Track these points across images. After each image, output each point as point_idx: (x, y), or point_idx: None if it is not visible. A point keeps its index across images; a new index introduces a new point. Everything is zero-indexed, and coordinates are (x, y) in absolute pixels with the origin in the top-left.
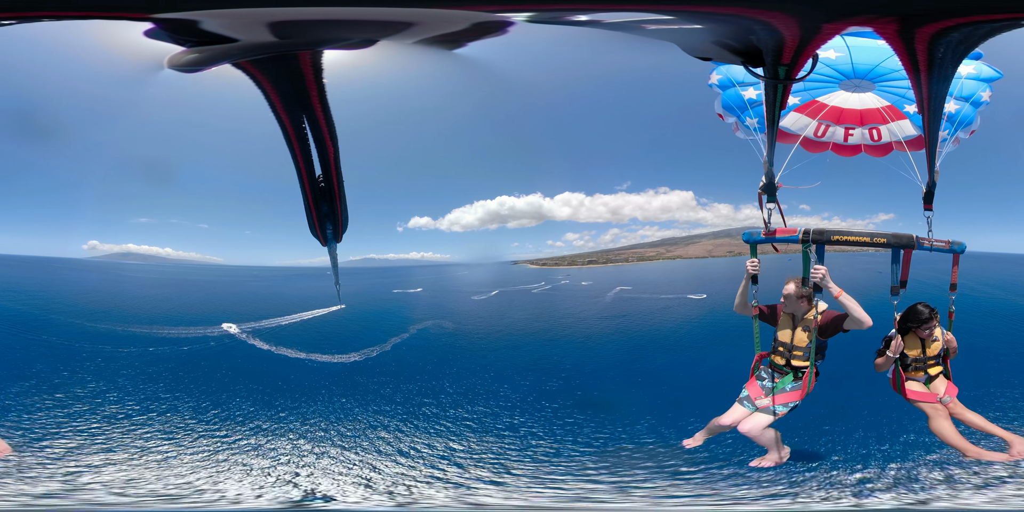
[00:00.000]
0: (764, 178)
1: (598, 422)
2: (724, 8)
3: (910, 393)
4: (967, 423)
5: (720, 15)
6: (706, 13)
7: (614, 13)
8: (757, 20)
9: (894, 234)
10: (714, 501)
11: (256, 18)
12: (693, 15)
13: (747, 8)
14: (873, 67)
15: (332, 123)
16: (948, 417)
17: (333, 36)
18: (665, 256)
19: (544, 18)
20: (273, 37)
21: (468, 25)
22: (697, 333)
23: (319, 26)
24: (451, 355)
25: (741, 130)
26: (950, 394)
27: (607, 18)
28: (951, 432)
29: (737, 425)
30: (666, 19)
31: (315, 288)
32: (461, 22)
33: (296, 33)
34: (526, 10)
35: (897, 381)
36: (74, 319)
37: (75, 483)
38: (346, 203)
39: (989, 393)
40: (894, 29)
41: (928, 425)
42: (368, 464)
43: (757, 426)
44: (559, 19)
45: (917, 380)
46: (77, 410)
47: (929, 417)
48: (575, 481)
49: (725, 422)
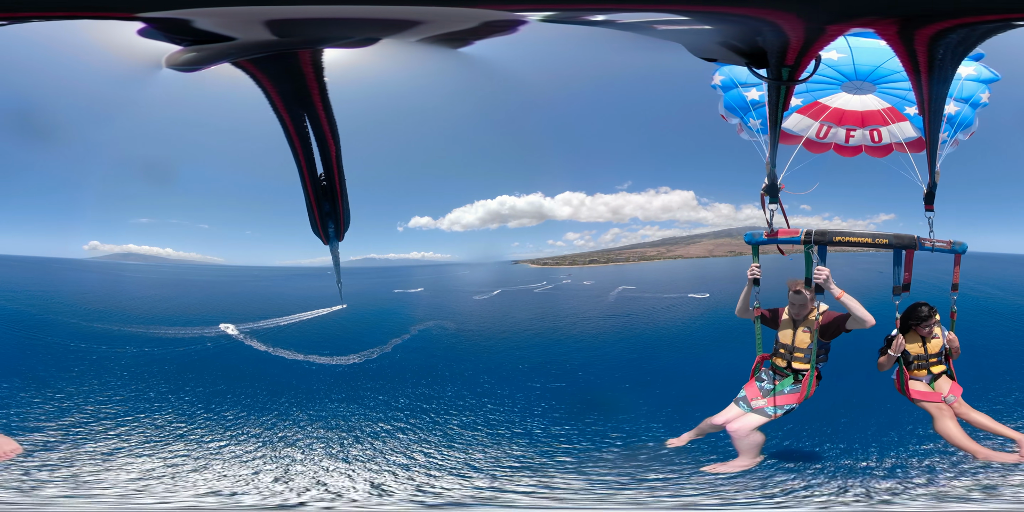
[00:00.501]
0: (767, 179)
1: (613, 423)
2: (734, 8)
3: (914, 393)
4: (973, 423)
5: (730, 15)
6: (716, 13)
7: (630, 13)
8: (765, 21)
9: (896, 235)
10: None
11: (252, 17)
12: (704, 15)
13: (756, 8)
14: (874, 69)
15: (334, 121)
16: (953, 417)
17: (334, 35)
18: (666, 256)
19: (561, 18)
20: (272, 35)
21: (478, 24)
22: (703, 331)
23: (319, 24)
24: (454, 357)
25: (745, 131)
26: (954, 394)
27: (622, 18)
28: (958, 433)
29: (728, 425)
30: (678, 20)
31: (314, 288)
32: (472, 21)
33: (295, 32)
34: (544, 9)
35: (901, 381)
36: (72, 319)
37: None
38: (348, 202)
39: (991, 392)
40: (895, 31)
41: (933, 426)
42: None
43: (746, 426)
44: (575, 19)
45: (920, 379)
46: (61, 407)
47: (934, 418)
48: (601, 487)
49: (718, 421)
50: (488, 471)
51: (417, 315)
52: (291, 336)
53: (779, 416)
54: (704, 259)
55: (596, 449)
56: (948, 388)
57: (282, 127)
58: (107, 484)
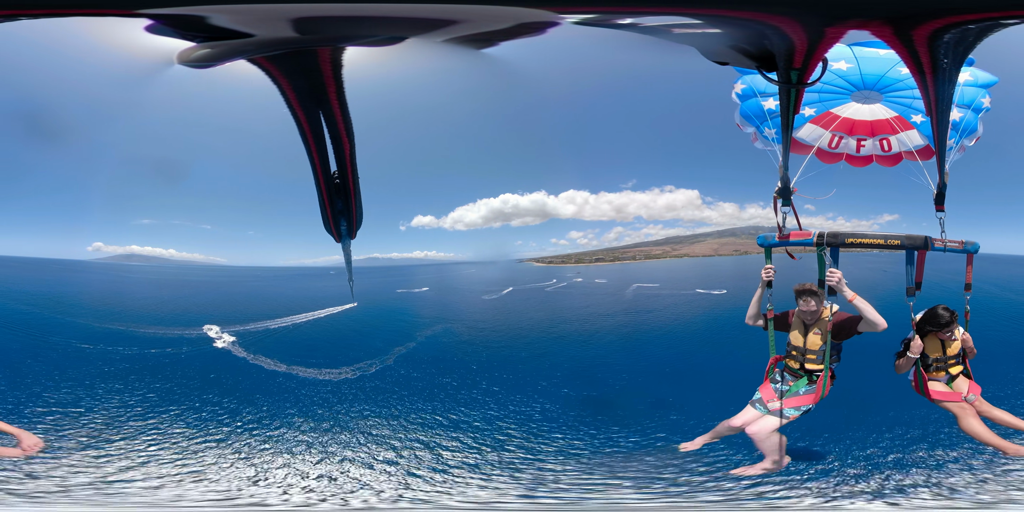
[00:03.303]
0: (780, 182)
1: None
2: (739, 12)
3: (934, 394)
4: (996, 420)
5: (736, 19)
6: (724, 17)
7: (655, 17)
8: (768, 24)
9: (908, 236)
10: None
11: (274, 14)
12: (713, 19)
13: (757, 12)
14: (880, 77)
15: (349, 119)
16: (976, 415)
17: (359, 33)
18: (672, 255)
19: (596, 21)
20: (293, 33)
21: (514, 24)
22: (730, 326)
23: (345, 22)
24: (471, 370)
25: (759, 140)
26: (974, 392)
27: (647, 22)
28: (984, 430)
29: (746, 427)
30: (693, 23)
31: (315, 288)
32: (508, 21)
33: (319, 29)
34: (582, 12)
35: (919, 382)
36: (79, 319)
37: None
38: (361, 200)
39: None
40: (890, 31)
41: (958, 425)
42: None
43: (765, 429)
44: (607, 22)
45: (939, 380)
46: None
47: (958, 417)
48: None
49: (736, 424)
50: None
51: (423, 318)
52: (281, 340)
53: (797, 418)
54: (710, 258)
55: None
56: (967, 388)
57: (296, 124)
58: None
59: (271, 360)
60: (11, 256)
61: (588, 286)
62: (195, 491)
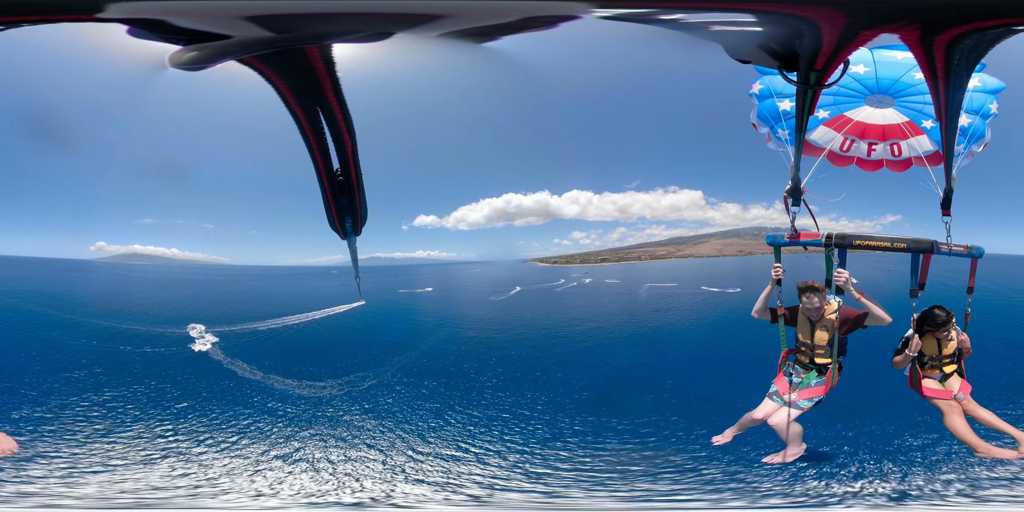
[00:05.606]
0: (791, 182)
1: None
2: (782, 6)
3: (926, 390)
4: (980, 420)
5: (776, 14)
6: (764, 11)
7: (701, 13)
8: (808, 19)
9: (914, 239)
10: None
11: (229, 12)
12: (752, 13)
13: (803, 6)
14: (895, 81)
15: (349, 116)
16: (962, 414)
17: (337, 30)
18: (676, 255)
19: (629, 16)
20: (265, 32)
21: (517, 18)
22: (754, 323)
23: (317, 20)
24: (485, 384)
25: (772, 141)
26: (964, 392)
27: (691, 18)
28: (964, 429)
29: (768, 419)
30: (728, 20)
31: (314, 288)
32: (505, 15)
33: (292, 27)
34: (608, 6)
35: (914, 379)
36: (82, 317)
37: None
38: (365, 196)
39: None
40: (917, 36)
41: (943, 421)
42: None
43: (784, 420)
44: (644, 17)
45: (933, 378)
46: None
47: (944, 413)
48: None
49: (758, 416)
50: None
51: (427, 321)
52: (269, 341)
53: (810, 408)
54: (715, 258)
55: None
56: (958, 386)
57: (295, 122)
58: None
59: (248, 366)
60: (10, 256)
61: (600, 286)
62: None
